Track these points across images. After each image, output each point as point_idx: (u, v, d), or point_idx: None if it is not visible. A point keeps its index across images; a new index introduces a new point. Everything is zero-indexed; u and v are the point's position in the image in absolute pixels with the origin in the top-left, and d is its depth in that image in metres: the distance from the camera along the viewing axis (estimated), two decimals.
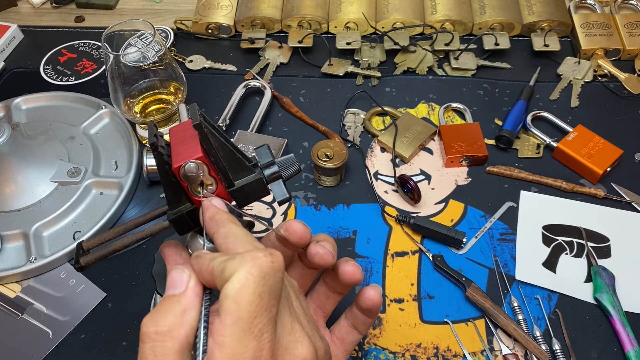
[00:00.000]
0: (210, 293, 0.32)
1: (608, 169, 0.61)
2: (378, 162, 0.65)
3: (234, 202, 0.38)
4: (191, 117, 0.35)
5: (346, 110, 0.69)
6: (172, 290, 0.31)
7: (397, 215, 0.59)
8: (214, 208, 0.35)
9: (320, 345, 0.34)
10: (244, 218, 0.40)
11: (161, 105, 0.63)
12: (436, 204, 0.61)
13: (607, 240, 0.57)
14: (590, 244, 0.56)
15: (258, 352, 0.28)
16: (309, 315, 0.36)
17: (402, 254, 0.57)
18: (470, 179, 0.63)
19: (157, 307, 0.31)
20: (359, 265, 0.40)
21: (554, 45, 0.73)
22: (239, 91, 0.71)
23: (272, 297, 0.29)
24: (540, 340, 0.50)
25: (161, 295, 0.43)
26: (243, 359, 0.28)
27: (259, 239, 0.40)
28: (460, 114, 0.69)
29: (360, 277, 0.40)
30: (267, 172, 0.38)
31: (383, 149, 0.66)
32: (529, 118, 0.66)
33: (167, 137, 0.38)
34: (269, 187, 0.39)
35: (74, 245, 0.57)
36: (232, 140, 0.64)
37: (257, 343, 0.28)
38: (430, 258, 0.56)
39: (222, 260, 0.30)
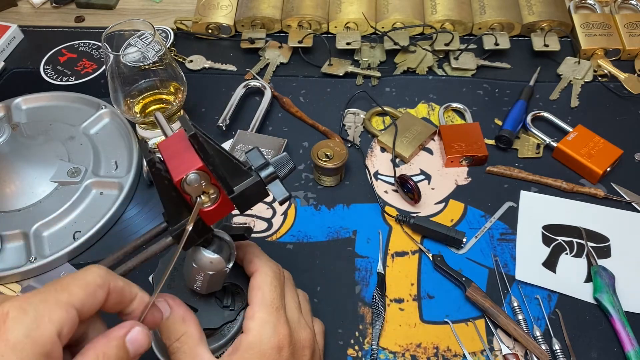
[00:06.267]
0: None
1: (608, 169, 0.61)
2: (378, 162, 0.65)
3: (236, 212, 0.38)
4: (184, 128, 0.34)
5: (346, 110, 0.69)
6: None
7: (397, 215, 0.59)
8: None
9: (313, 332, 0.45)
10: (237, 225, 0.40)
11: (161, 105, 0.63)
12: (436, 204, 0.61)
13: (607, 240, 0.57)
14: (590, 244, 0.56)
15: (278, 320, 0.40)
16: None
17: (402, 253, 0.57)
18: (470, 179, 0.63)
19: None
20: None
21: (554, 45, 0.73)
22: (239, 91, 0.71)
23: (281, 289, 0.42)
24: (540, 340, 0.50)
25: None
26: (268, 323, 0.40)
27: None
28: (460, 114, 0.69)
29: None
30: (263, 173, 0.38)
31: (383, 149, 0.66)
32: (529, 118, 0.66)
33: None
34: (268, 189, 0.39)
35: (74, 244, 0.57)
36: (232, 140, 0.65)
37: (277, 314, 0.40)
38: (430, 258, 0.56)
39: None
